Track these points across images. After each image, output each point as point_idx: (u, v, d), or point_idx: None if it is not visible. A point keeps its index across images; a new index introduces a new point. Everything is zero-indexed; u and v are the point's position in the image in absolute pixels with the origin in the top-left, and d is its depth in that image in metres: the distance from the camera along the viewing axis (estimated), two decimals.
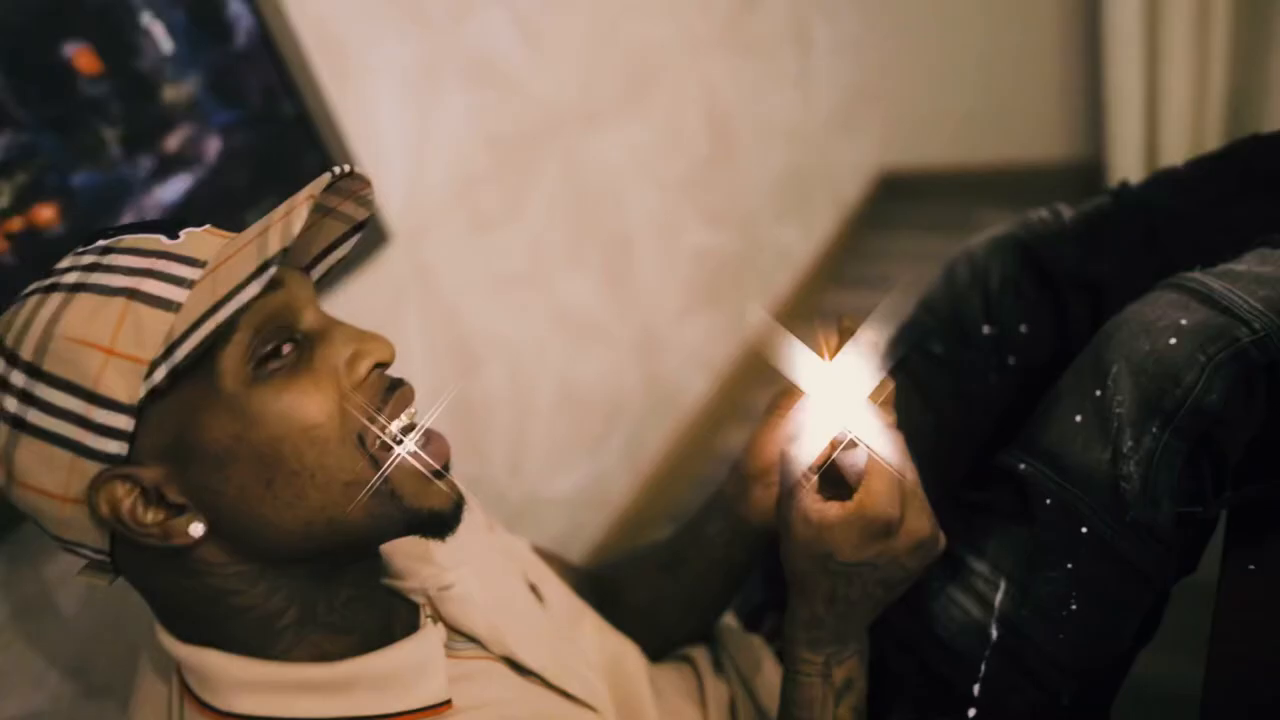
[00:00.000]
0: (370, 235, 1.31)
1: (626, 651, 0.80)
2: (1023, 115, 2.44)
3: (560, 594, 0.80)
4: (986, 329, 0.89)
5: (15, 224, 0.96)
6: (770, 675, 0.86)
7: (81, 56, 1.00)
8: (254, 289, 0.51)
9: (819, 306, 2.41)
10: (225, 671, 0.57)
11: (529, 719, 0.65)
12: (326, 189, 0.56)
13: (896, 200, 2.75)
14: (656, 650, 0.86)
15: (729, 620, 0.95)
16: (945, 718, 0.72)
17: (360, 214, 0.62)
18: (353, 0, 1.29)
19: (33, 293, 0.56)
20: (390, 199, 1.37)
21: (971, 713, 0.70)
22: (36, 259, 0.97)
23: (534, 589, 0.77)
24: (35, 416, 0.53)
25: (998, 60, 2.39)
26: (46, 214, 0.98)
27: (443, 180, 1.46)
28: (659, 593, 0.87)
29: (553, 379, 1.72)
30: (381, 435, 0.57)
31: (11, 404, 0.54)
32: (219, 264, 0.54)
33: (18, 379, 0.54)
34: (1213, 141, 2.15)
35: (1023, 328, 0.88)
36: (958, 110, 2.50)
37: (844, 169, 2.67)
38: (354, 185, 0.59)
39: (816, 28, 2.41)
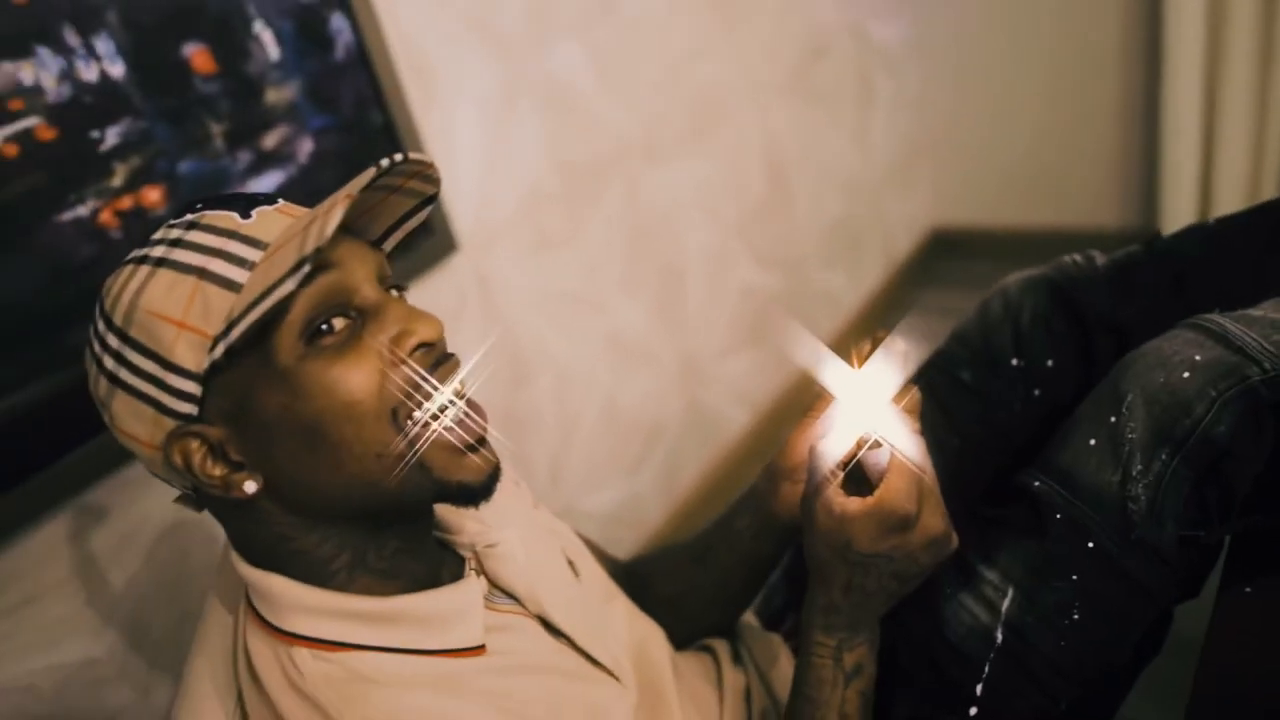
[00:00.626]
0: (441, 242, 1.39)
1: (652, 635, 0.85)
2: (1077, 181, 2.48)
3: (595, 574, 0.86)
4: (1015, 361, 0.93)
5: (125, 202, 1.05)
6: (785, 669, 0.90)
7: (199, 57, 1.10)
8: (290, 285, 0.56)
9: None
10: (286, 595, 0.63)
11: (554, 674, 0.70)
12: (390, 172, 0.61)
13: (946, 257, 2.79)
14: (681, 640, 0.91)
15: (749, 619, 1.00)
16: (948, 715, 0.76)
17: (429, 189, 0.67)
18: (443, 25, 1.38)
19: (129, 261, 0.63)
20: (461, 211, 1.45)
21: (973, 711, 0.74)
22: (141, 237, 1.06)
23: (571, 565, 0.82)
24: (125, 375, 0.61)
25: (1055, 125, 2.43)
26: (153, 196, 1.08)
27: (511, 198, 1.54)
28: (688, 584, 0.92)
29: (599, 397, 1.78)
30: (415, 411, 0.61)
31: (108, 361, 0.61)
32: (273, 252, 0.60)
33: (112, 341, 0.61)
34: None
35: (1050, 362, 0.93)
36: (1012, 172, 2.55)
37: (896, 222, 2.72)
38: (419, 166, 0.64)
39: (879, 82, 2.49)
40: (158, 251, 0.61)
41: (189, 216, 0.63)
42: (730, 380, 2.11)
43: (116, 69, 1.03)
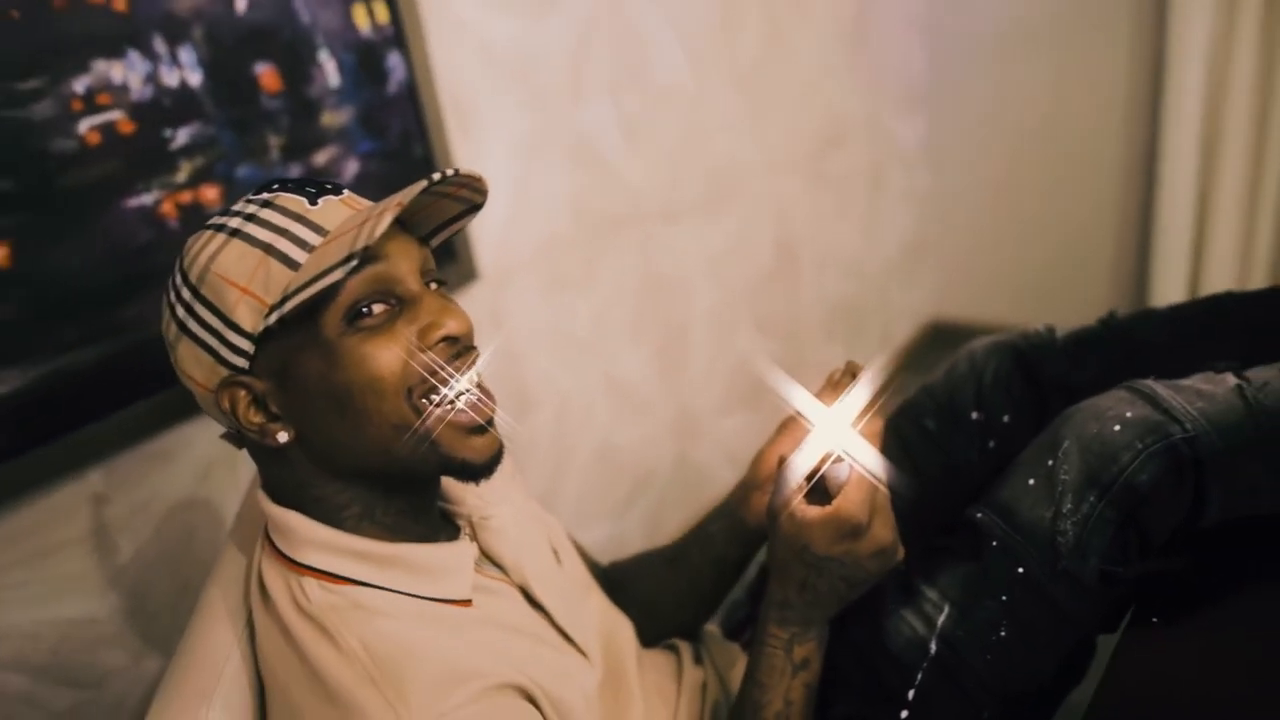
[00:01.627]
0: (463, 269, 1.50)
1: (622, 628, 0.93)
2: (1072, 282, 2.59)
3: (576, 566, 0.93)
4: (975, 415, 1.02)
5: (185, 197, 1.16)
6: (740, 671, 0.97)
7: (267, 76, 1.22)
8: (338, 274, 0.65)
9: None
10: (301, 531, 0.71)
11: (530, 637, 0.77)
12: (443, 181, 0.70)
13: (943, 348, 2.89)
14: (650, 638, 0.98)
15: (712, 628, 1.07)
16: (882, 715, 0.83)
17: (477, 198, 0.77)
18: (488, 74, 1.51)
19: (209, 227, 0.73)
20: (485, 244, 1.56)
21: (904, 714, 0.81)
22: (196, 229, 1.16)
23: (555, 554, 0.90)
24: (192, 324, 0.70)
25: (1053, 227, 2.55)
26: (210, 194, 1.18)
27: (532, 239, 1.65)
28: (661, 584, 1.00)
29: (595, 437, 1.86)
30: (431, 394, 0.69)
31: (180, 310, 0.71)
32: (330, 240, 0.69)
33: (185, 293, 0.70)
34: None
35: (1006, 418, 1.01)
36: (1012, 270, 2.66)
37: (897, 309, 2.83)
38: (468, 179, 0.73)
39: (891, 176, 2.62)
40: (234, 222, 0.71)
41: (265, 195, 0.72)
42: (721, 439, 2.19)
43: (195, 77, 1.14)
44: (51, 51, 1.03)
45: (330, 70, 1.27)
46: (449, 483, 0.83)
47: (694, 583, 0.99)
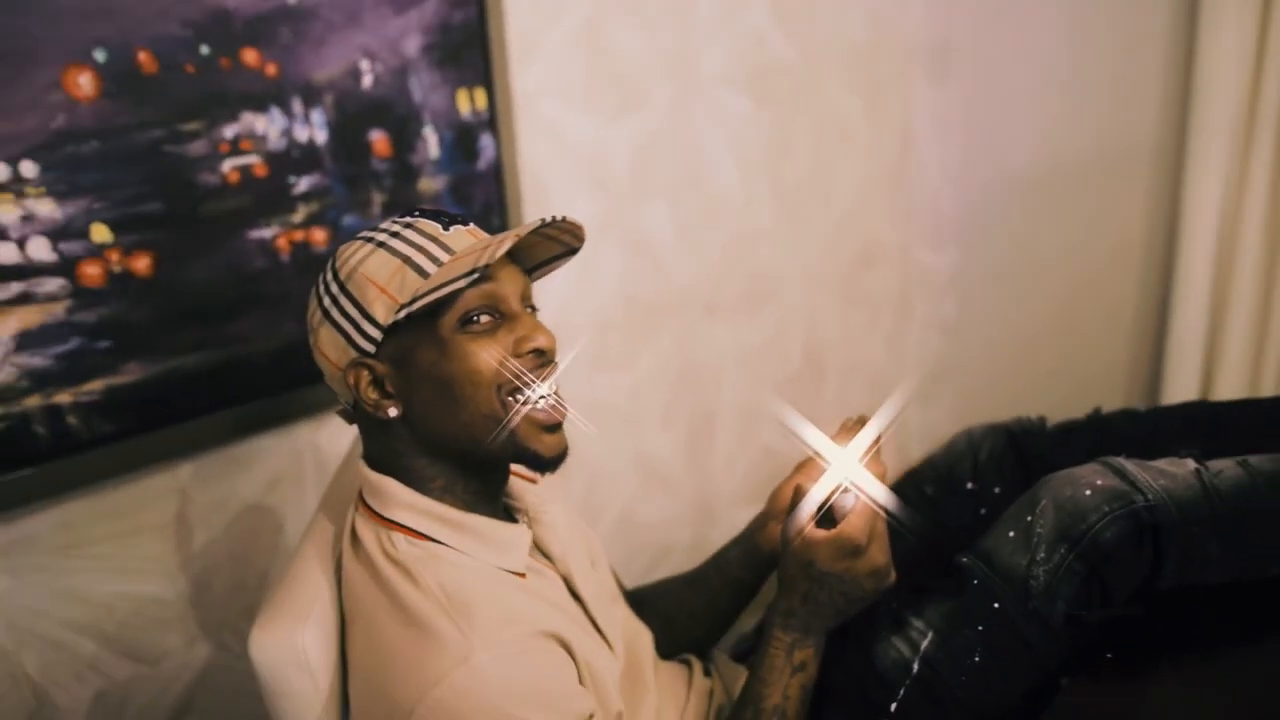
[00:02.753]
0: None
1: (642, 634, 1.04)
2: (1086, 407, 2.71)
3: (607, 575, 1.06)
4: (970, 485, 1.15)
5: (298, 235, 1.34)
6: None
7: (379, 142, 1.41)
8: (462, 283, 0.80)
9: None
10: (393, 493, 0.85)
11: (569, 617, 0.89)
12: (551, 224, 0.86)
13: None
14: (666, 653, 1.09)
15: (721, 653, 1.18)
16: None
17: (575, 244, 0.93)
18: (563, 162, 1.70)
19: (360, 238, 0.89)
20: (543, 316, 1.72)
21: None
22: (302, 263, 1.35)
23: (591, 562, 1.03)
24: (334, 313, 0.86)
25: (1071, 360, 2.69)
26: (319, 235, 1.36)
27: (586, 316, 1.81)
28: (679, 603, 1.12)
29: (619, 506, 1.99)
30: (516, 393, 0.84)
31: (326, 300, 0.87)
32: (456, 259, 0.85)
33: (334, 287, 0.86)
34: None
35: (997, 490, 1.14)
36: (1029, 399, 2.79)
37: (915, 428, 2.95)
38: (571, 226, 0.90)
39: (918, 301, 2.79)
40: (381, 236, 0.87)
41: (408, 218, 0.89)
42: (736, 526, 2.29)
43: (321, 136, 1.34)
44: (213, 102, 1.23)
45: (432, 143, 1.47)
46: (512, 481, 0.97)
47: (710, 603, 1.11)
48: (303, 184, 1.33)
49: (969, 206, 2.82)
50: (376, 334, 0.83)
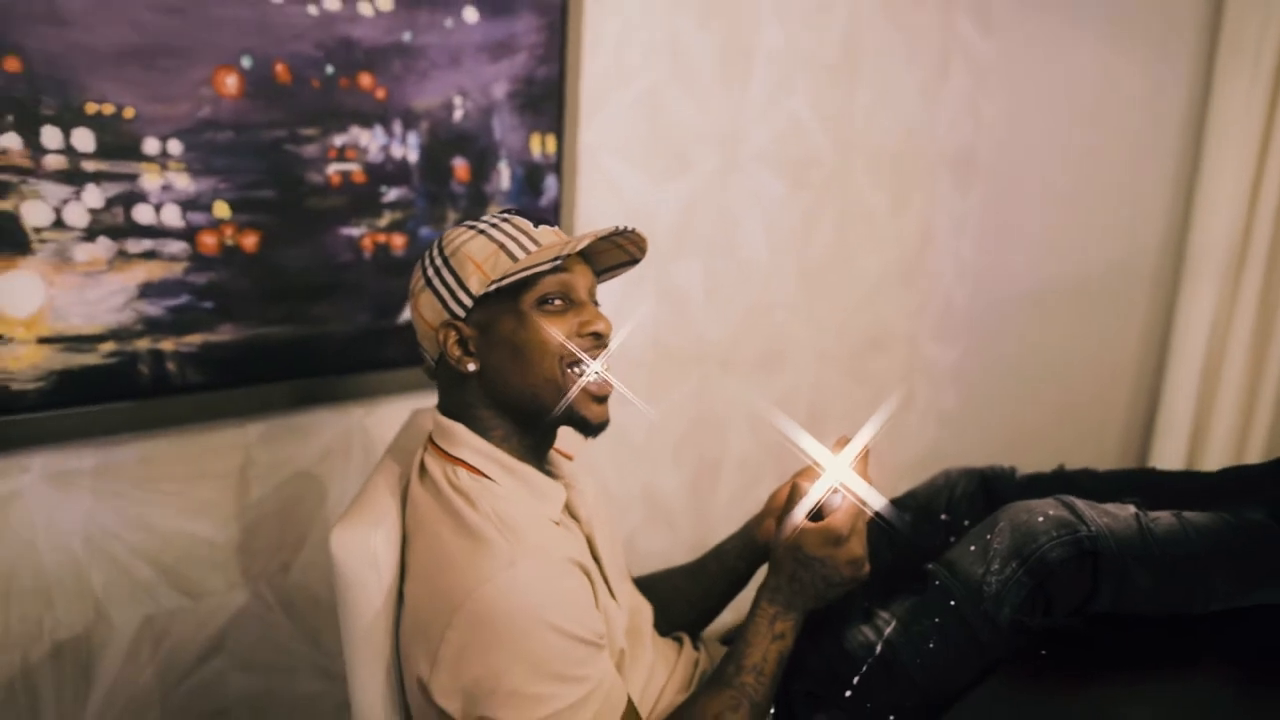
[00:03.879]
0: None
1: (645, 608, 1.19)
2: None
3: (621, 554, 1.21)
4: (944, 516, 1.31)
5: (380, 238, 1.53)
6: None
7: (460, 168, 1.61)
8: (544, 267, 0.98)
9: None
10: (461, 435, 1.02)
11: (589, 568, 1.04)
12: (621, 233, 1.04)
13: None
14: (661, 632, 1.24)
15: (709, 638, 1.32)
16: (831, 693, 1.07)
17: (638, 255, 1.11)
18: (615, 210, 1.90)
19: (464, 224, 1.07)
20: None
21: (848, 693, 1.06)
22: (381, 262, 1.53)
23: (610, 537, 1.18)
24: (436, 282, 1.04)
25: (1063, 460, 2.84)
26: (398, 241, 1.55)
27: (617, 353, 1.99)
28: (677, 590, 1.27)
29: (623, 535, 2.13)
30: (574, 366, 1.02)
31: (430, 271, 1.05)
32: (541, 250, 1.03)
33: (438, 260, 1.04)
34: None
35: (966, 523, 1.29)
36: None
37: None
38: (637, 239, 1.08)
39: (919, 390, 2.96)
40: (483, 225, 1.05)
41: (505, 214, 1.07)
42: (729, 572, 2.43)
43: (413, 155, 1.54)
44: (329, 114, 1.43)
45: (505, 176, 1.67)
46: (552, 454, 1.13)
47: (707, 589, 1.26)
48: (391, 194, 1.53)
49: (978, 307, 3.01)
50: (469, 301, 1.01)
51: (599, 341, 1.04)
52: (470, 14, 1.55)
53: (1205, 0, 2.49)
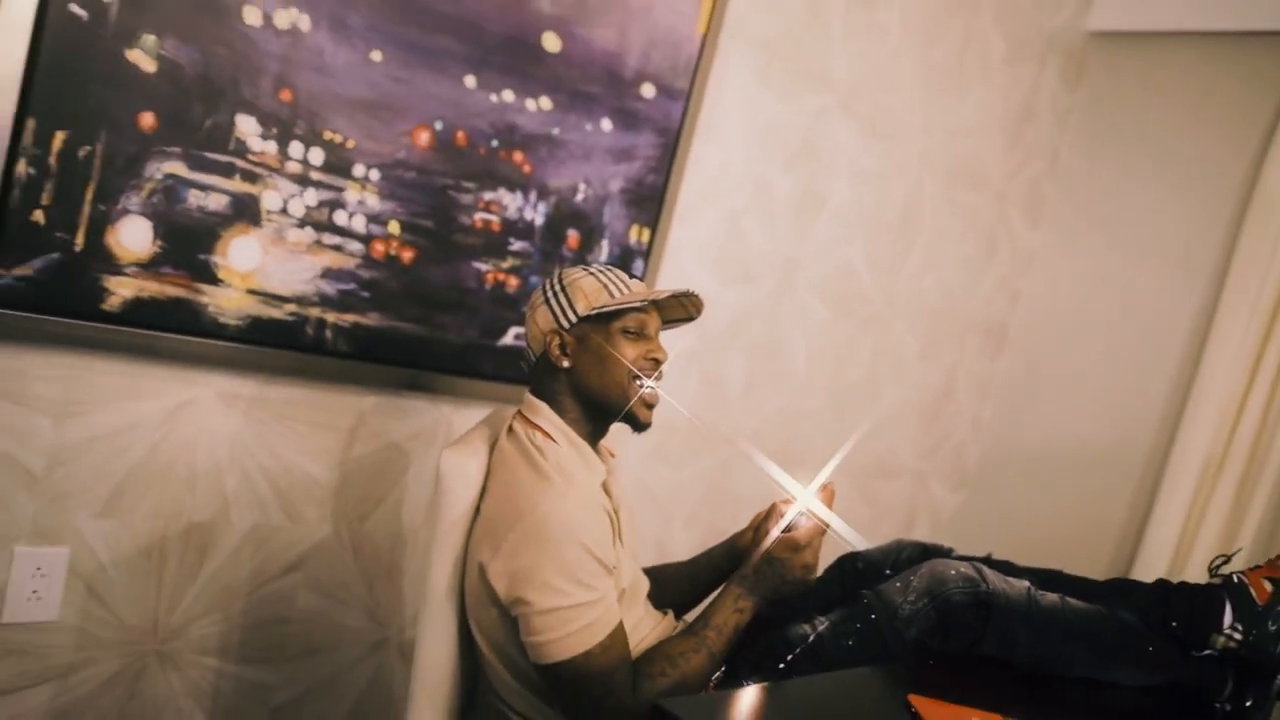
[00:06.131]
0: None
1: (644, 580, 1.54)
2: None
3: (636, 537, 1.57)
4: (888, 571, 1.64)
5: (500, 277, 1.96)
6: None
7: (572, 238, 2.04)
8: (634, 304, 1.38)
9: None
10: (544, 411, 1.41)
11: (611, 518, 1.39)
12: (687, 295, 1.45)
13: None
14: (655, 607, 1.59)
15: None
16: (767, 664, 1.40)
17: (695, 314, 1.51)
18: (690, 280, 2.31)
19: (580, 266, 1.48)
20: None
21: (780, 666, 1.39)
22: (496, 295, 1.96)
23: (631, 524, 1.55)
24: (552, 301, 1.44)
25: (1063, 541, 3.05)
26: (514, 281, 1.98)
27: (660, 414, 2.37)
28: (671, 576, 1.62)
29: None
30: (637, 379, 1.41)
31: (549, 293, 1.45)
32: (631, 295, 1.42)
33: (557, 286, 1.45)
34: None
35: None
36: None
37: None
38: (698, 302, 1.49)
39: (920, 524, 3.27)
40: (593, 269, 1.46)
41: (609, 265, 1.48)
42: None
43: (539, 220, 1.98)
44: (485, 175, 1.88)
45: (604, 252, 2.10)
46: (600, 446, 1.51)
47: (693, 580, 1.61)
48: (516, 245, 1.96)
49: (987, 461, 3.35)
50: (574, 318, 1.41)
51: (657, 366, 1.44)
52: (606, 124, 2.01)
53: (1224, 229, 2.89)
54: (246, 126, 1.59)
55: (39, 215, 1.44)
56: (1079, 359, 3.17)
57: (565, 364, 1.41)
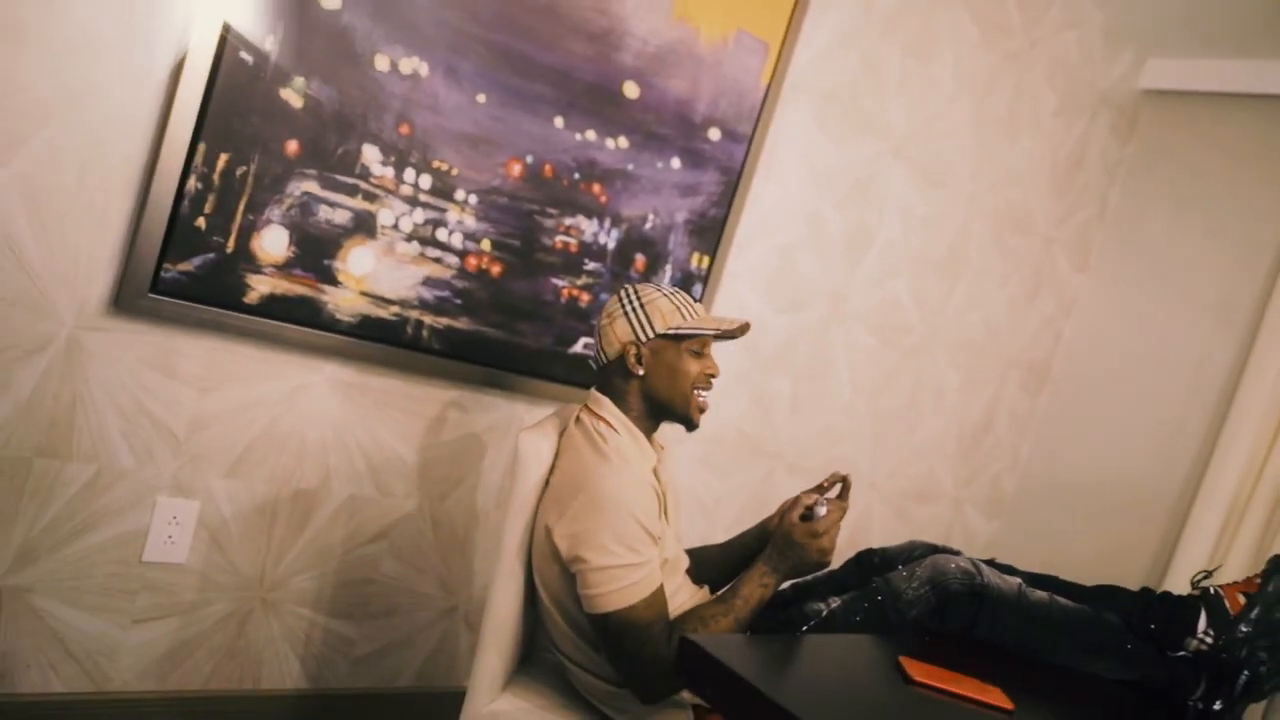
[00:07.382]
0: None
1: (685, 558, 1.78)
2: None
3: (680, 521, 1.81)
4: (900, 567, 1.84)
5: (574, 292, 2.22)
6: None
7: (639, 261, 2.30)
8: (709, 332, 1.64)
9: None
10: (608, 404, 1.66)
11: (659, 497, 1.63)
12: (745, 327, 1.69)
13: None
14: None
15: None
16: (785, 632, 1.62)
17: (741, 336, 1.75)
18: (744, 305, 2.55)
19: (654, 286, 1.72)
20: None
21: (796, 635, 1.61)
22: (569, 308, 2.22)
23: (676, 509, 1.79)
24: (630, 316, 1.69)
25: (1092, 573, 3.24)
26: (585, 297, 2.24)
27: (709, 426, 2.61)
28: (707, 558, 1.85)
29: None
30: (696, 390, 1.65)
31: (628, 307, 1.70)
32: (701, 319, 1.66)
33: (635, 303, 1.70)
34: None
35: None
36: None
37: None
38: (746, 329, 1.72)
39: (972, 519, 3.43)
40: (666, 291, 1.71)
41: (676, 289, 1.73)
42: None
43: (611, 244, 2.24)
44: (567, 203, 2.15)
45: (667, 276, 2.35)
46: (653, 438, 1.75)
47: (728, 559, 1.84)
48: (590, 265, 2.23)
49: (1022, 492, 3.50)
50: (651, 334, 1.66)
51: (711, 381, 1.69)
52: (675, 162, 2.27)
53: (1260, 283, 3.03)
54: (370, 154, 1.88)
55: (201, 222, 1.74)
56: (1117, 399, 3.32)
57: (640, 371, 1.66)
